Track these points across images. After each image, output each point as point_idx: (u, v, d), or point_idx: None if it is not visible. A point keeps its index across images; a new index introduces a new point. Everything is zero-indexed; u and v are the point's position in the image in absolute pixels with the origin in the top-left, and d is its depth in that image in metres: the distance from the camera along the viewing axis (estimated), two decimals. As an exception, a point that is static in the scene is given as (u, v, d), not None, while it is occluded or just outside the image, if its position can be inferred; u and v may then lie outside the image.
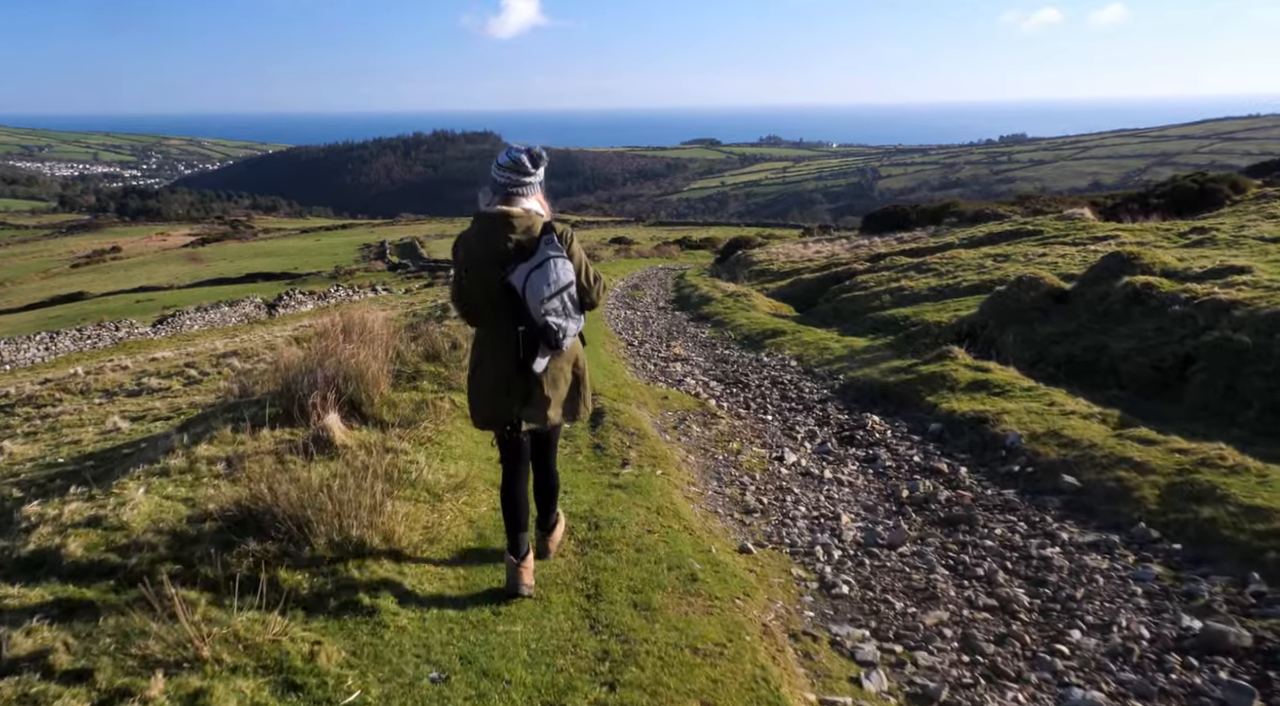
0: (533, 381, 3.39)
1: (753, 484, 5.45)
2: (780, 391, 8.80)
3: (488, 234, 3.35)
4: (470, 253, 3.37)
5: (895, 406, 7.47)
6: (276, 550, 3.44)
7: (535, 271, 3.26)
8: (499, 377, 3.41)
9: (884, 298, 14.51)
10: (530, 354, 3.31)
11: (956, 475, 5.49)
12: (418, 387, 6.76)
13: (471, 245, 3.38)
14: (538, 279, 3.25)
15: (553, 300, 3.26)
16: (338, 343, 6.09)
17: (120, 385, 19.41)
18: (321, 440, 5.00)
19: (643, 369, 10.47)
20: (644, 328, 15.06)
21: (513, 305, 3.29)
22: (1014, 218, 22.29)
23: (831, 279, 18.08)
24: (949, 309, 12.54)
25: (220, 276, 68.07)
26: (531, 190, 3.44)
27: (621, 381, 8.08)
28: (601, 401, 6.86)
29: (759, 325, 13.75)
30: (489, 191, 3.44)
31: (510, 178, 3.38)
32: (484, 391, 3.47)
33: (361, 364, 5.89)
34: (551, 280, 3.26)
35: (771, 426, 7.17)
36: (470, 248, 3.38)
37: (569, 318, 3.33)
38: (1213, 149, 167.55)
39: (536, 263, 3.28)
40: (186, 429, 6.16)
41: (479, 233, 3.38)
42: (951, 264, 15.69)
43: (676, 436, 6.49)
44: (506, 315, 3.33)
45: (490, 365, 3.42)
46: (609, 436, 5.94)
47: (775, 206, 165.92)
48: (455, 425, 5.81)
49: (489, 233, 3.35)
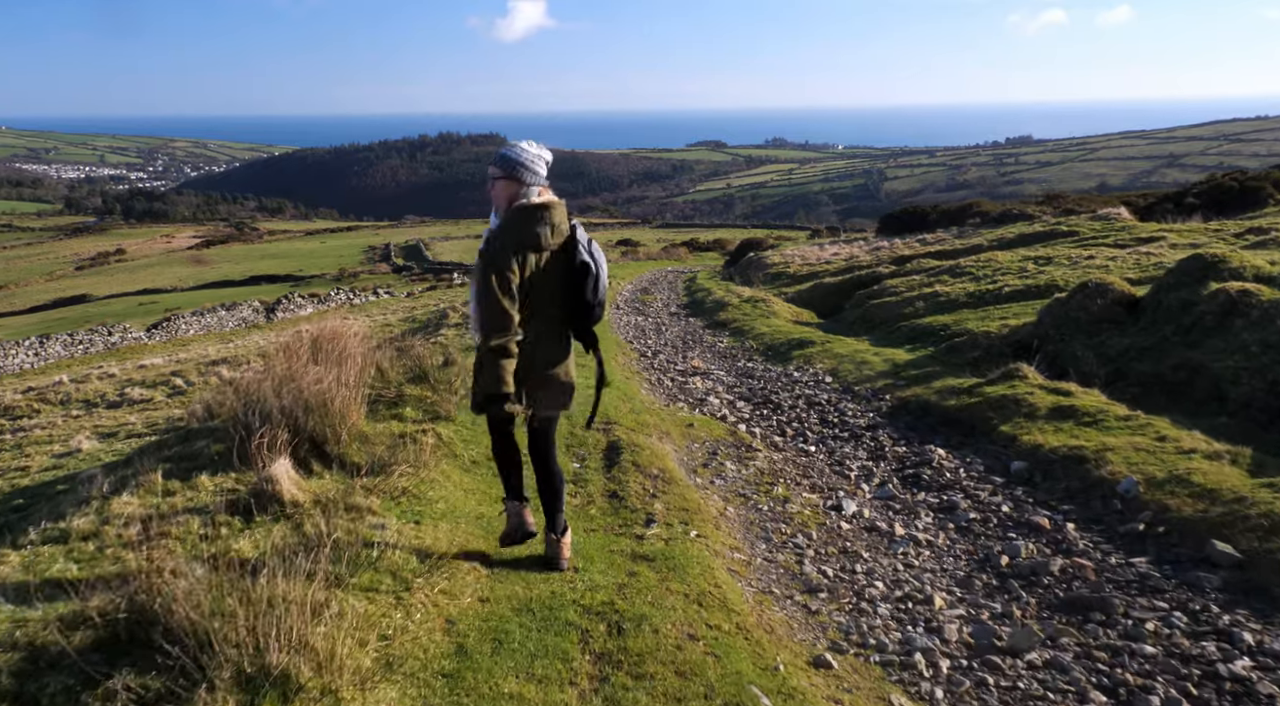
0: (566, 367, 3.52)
1: (810, 545, 4.36)
2: (818, 414, 7.71)
3: (556, 223, 3.39)
4: (541, 240, 3.35)
5: (961, 436, 6.37)
6: (160, 689, 2.37)
7: (594, 249, 3.46)
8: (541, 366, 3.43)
9: (917, 304, 13.40)
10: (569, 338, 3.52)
11: (1063, 534, 4.39)
12: (399, 416, 5.69)
13: (541, 233, 3.34)
14: (601, 257, 3.48)
15: (604, 278, 3.46)
16: (301, 364, 5.02)
17: (102, 395, 18.41)
18: (265, 495, 3.93)
19: (659, 385, 9.38)
20: (656, 336, 13.98)
21: (572, 287, 3.39)
22: (1044, 218, 21.14)
23: (856, 283, 16.97)
24: (993, 317, 11.44)
25: (224, 279, 67.47)
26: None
27: (638, 404, 7.00)
28: (617, 432, 5.77)
29: (782, 334, 12.66)
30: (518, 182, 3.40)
31: (543, 169, 3.44)
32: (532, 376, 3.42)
33: (327, 392, 4.81)
34: (599, 260, 3.46)
35: (817, 460, 6.08)
36: (540, 235, 3.34)
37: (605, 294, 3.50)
38: (1221, 150, 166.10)
39: (588, 246, 3.43)
40: (116, 469, 5.09)
41: (549, 221, 3.37)
42: (988, 267, 14.56)
43: (708, 478, 5.39)
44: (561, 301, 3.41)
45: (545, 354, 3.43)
46: (628, 481, 4.85)
47: (781, 208, 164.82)
48: (440, 469, 4.74)
49: (556, 221, 3.39)
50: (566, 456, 5.33)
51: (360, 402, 5.34)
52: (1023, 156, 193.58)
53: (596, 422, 5.98)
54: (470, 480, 4.74)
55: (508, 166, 3.40)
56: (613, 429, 5.88)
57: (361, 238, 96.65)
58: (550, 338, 3.44)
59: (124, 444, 10.81)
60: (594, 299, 3.41)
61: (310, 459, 4.65)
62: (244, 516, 3.83)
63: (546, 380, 3.44)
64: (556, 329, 3.45)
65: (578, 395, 3.73)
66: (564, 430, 5.81)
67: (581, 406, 6.48)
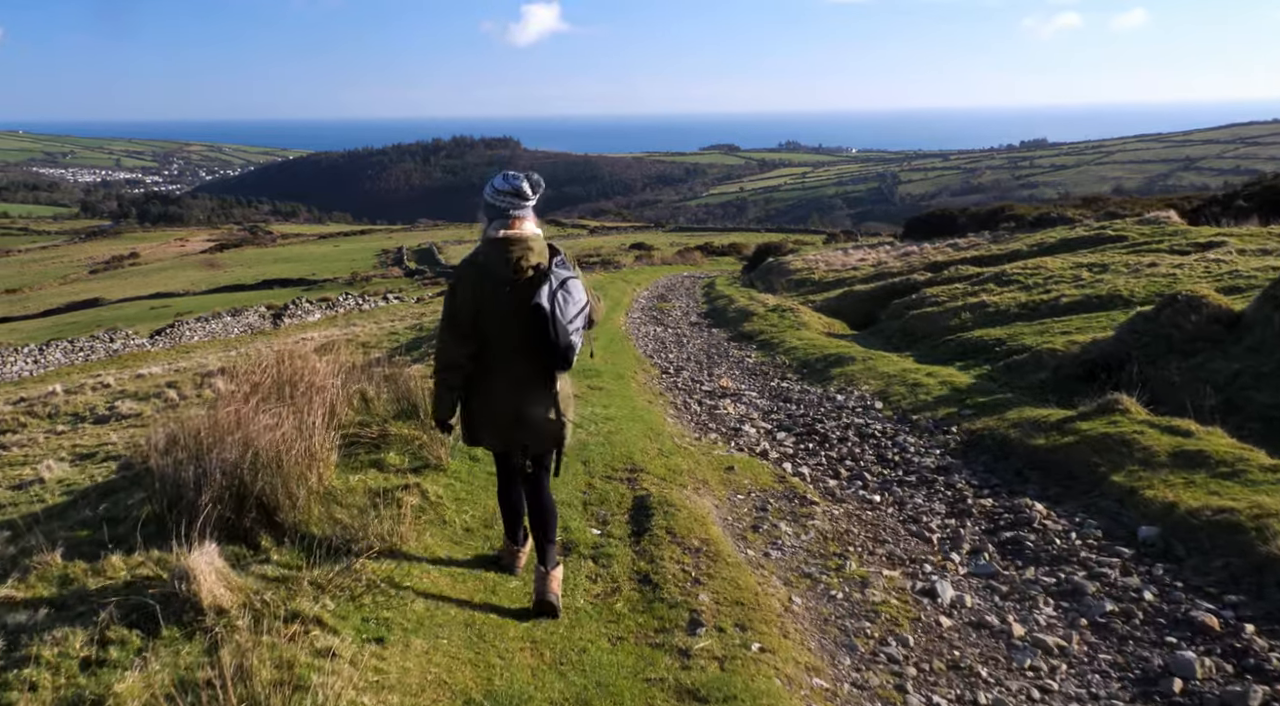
0: (546, 405, 3.37)
1: (908, 658, 3.29)
2: (874, 449, 6.63)
3: (507, 259, 3.29)
4: (484, 277, 3.31)
5: (1059, 485, 5.28)
6: None
7: (560, 292, 3.23)
8: (507, 405, 3.35)
9: (963, 315, 12.29)
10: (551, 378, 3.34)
11: (1245, 641, 3.31)
12: (380, 463, 4.66)
13: (485, 270, 3.33)
14: (564, 300, 3.23)
15: (577, 319, 3.27)
16: (251, 408, 3.99)
17: (92, 408, 17.52)
18: (178, 600, 2.91)
19: (685, 410, 8.33)
20: (678, 348, 12.93)
21: (534, 328, 3.21)
22: (1086, 222, 19.95)
23: (890, 291, 15.85)
24: (1052, 331, 10.32)
25: (237, 283, 67.18)
26: (529, 214, 3.41)
27: (667, 441, 5.94)
28: (645, 484, 4.72)
29: (816, 348, 11.58)
30: (486, 217, 3.41)
31: (511, 202, 3.36)
32: (487, 416, 3.42)
33: (282, 442, 3.79)
34: (575, 299, 3.27)
35: (886, 516, 5.01)
36: (484, 272, 3.32)
37: (579, 336, 3.29)
38: (1238, 154, 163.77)
39: (559, 283, 3.25)
40: (18, 538, 4.08)
41: (492, 258, 3.32)
42: (1038, 275, 13.43)
43: (761, 547, 4.32)
44: (518, 340, 3.30)
45: (502, 389, 3.36)
46: (663, 557, 3.80)
47: (795, 212, 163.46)
48: (423, 542, 3.71)
49: (509, 258, 3.29)
50: (585, 517, 4.28)
51: (330, 449, 4.32)
52: (1037, 160, 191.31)
53: (620, 470, 4.95)
54: (462, 556, 3.70)
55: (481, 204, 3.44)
56: (639, 478, 4.83)
57: (374, 241, 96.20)
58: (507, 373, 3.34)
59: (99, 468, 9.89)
60: (557, 340, 3.17)
61: (257, 531, 3.63)
62: (145, 630, 2.80)
63: (520, 418, 3.33)
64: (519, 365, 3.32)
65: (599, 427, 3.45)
66: (580, 481, 4.77)
67: (601, 446, 5.45)
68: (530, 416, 3.32)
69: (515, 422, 3.33)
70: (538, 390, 3.33)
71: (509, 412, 3.33)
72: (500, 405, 3.34)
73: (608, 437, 5.53)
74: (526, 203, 3.36)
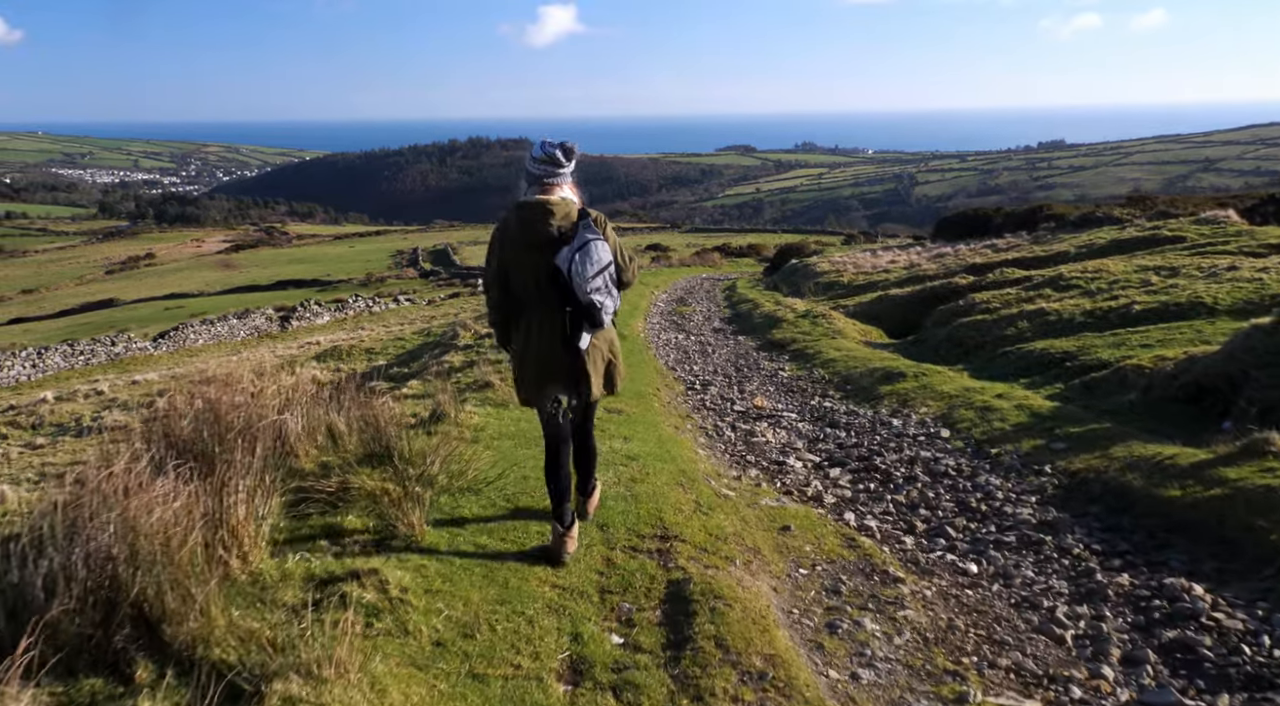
0: (577, 359, 3.52)
1: None
2: (951, 492, 5.47)
3: (530, 221, 3.48)
4: (513, 239, 3.52)
5: (1212, 555, 4.08)
6: None
7: (579, 253, 3.38)
8: (544, 358, 3.54)
9: (1020, 324, 11.07)
10: (576, 332, 3.48)
11: None
12: (334, 530, 3.54)
13: (513, 232, 3.52)
14: (582, 260, 3.37)
15: (596, 279, 3.40)
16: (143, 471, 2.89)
17: (78, 419, 16.59)
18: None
19: (718, 437, 7.19)
20: (703, 359, 11.78)
21: (558, 287, 3.41)
22: (1137, 222, 18.63)
23: (930, 296, 14.63)
24: (1130, 343, 9.11)
25: (251, 283, 66.87)
26: (564, 180, 3.58)
27: (702, 487, 4.79)
28: (680, 559, 3.58)
29: (858, 360, 10.39)
30: (525, 182, 3.58)
31: (546, 170, 3.53)
32: (529, 373, 3.61)
33: (177, 523, 2.69)
34: (594, 260, 3.39)
35: (992, 597, 3.84)
36: (512, 235, 3.52)
37: (609, 296, 3.49)
38: (1258, 155, 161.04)
39: (579, 245, 3.40)
40: None
41: (521, 221, 3.51)
42: (1100, 279, 12.18)
43: (844, 662, 3.15)
44: (550, 298, 3.47)
45: (536, 346, 3.54)
46: (713, 689, 2.65)
47: (811, 213, 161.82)
48: (374, 667, 2.58)
49: (531, 220, 3.48)
50: (602, 615, 3.15)
51: (265, 519, 3.22)
52: (1055, 161, 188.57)
53: (648, 535, 3.82)
54: (426, 695, 2.57)
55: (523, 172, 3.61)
56: (673, 550, 3.68)
57: (390, 242, 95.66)
58: (542, 328, 3.52)
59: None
60: (581, 296, 3.38)
61: (132, 654, 2.52)
62: None
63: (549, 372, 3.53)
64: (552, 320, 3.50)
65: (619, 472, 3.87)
66: (596, 555, 3.63)
67: (623, 500, 4.27)
68: (558, 371, 3.52)
69: (546, 377, 3.55)
70: (566, 346, 3.48)
71: (540, 368, 3.54)
72: (533, 360, 3.56)
73: (630, 488, 4.40)
74: (561, 170, 3.55)
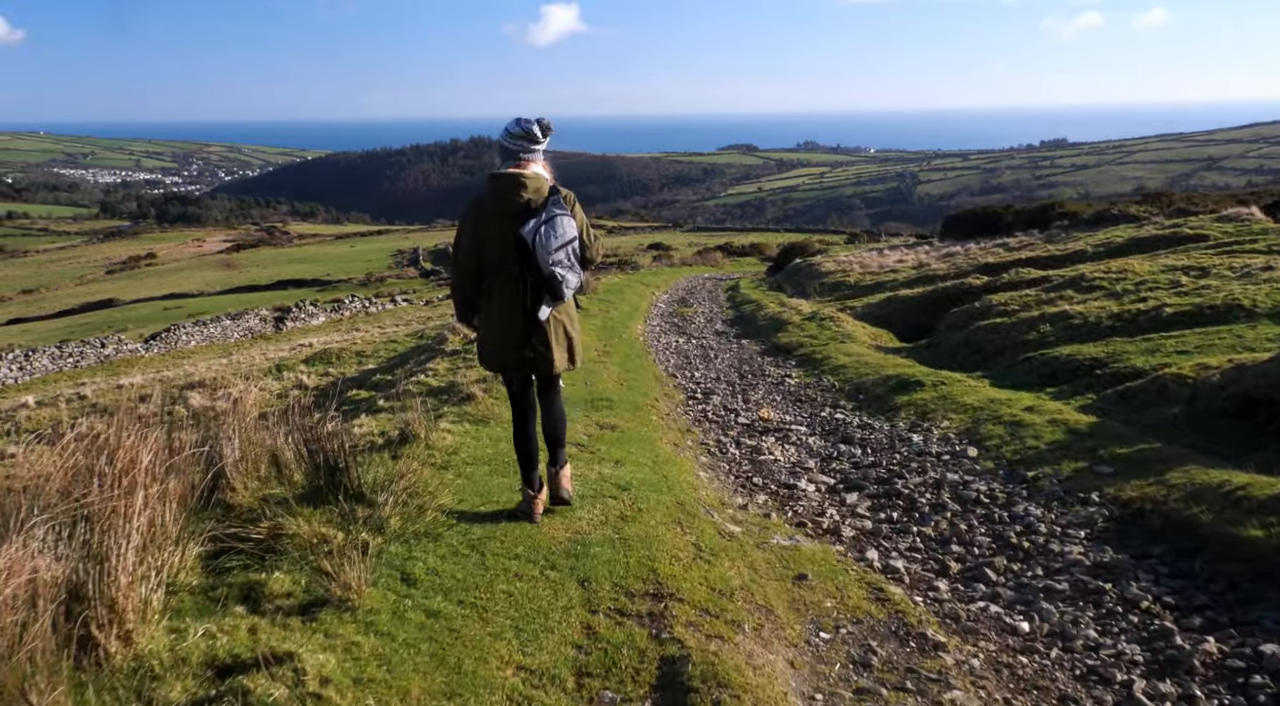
0: (537, 329, 3.65)
1: None
2: (987, 524, 4.82)
3: (502, 192, 3.62)
4: (484, 209, 3.66)
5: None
6: None
7: (545, 225, 3.52)
8: (506, 325, 3.67)
9: (1042, 328, 10.42)
10: (536, 303, 3.60)
11: None
12: (254, 592, 2.89)
13: (486, 203, 3.66)
14: (547, 233, 3.51)
15: (559, 253, 3.54)
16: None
17: (55, 425, 16.01)
18: None
19: (721, 454, 6.55)
20: (704, 364, 11.14)
21: (522, 258, 3.56)
22: (1156, 219, 17.96)
23: (943, 298, 13.99)
24: (1166, 351, 8.46)
25: (251, 283, 66.37)
26: (538, 157, 3.71)
27: (704, 525, 4.14)
28: (675, 624, 2.94)
29: (870, 367, 9.75)
30: (499, 157, 3.72)
31: (521, 145, 3.66)
32: (493, 338, 3.73)
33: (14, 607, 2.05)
34: (559, 234, 3.53)
35: (1051, 667, 3.20)
36: (484, 205, 3.66)
37: (571, 270, 3.61)
38: (1261, 153, 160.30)
39: (546, 218, 3.54)
40: None
41: (494, 191, 3.65)
42: (1125, 280, 11.52)
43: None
44: (514, 268, 3.61)
45: (498, 313, 3.67)
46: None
47: (813, 212, 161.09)
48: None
49: (503, 191, 3.62)
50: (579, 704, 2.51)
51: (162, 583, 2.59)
52: (1058, 159, 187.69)
53: (638, 593, 3.19)
54: None
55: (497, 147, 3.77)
56: (668, 613, 3.04)
57: (391, 241, 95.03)
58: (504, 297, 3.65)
59: None
60: (544, 268, 3.51)
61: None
62: None
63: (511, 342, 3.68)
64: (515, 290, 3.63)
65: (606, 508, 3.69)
66: (575, 621, 2.99)
67: (609, 546, 3.61)
68: (521, 341, 3.64)
69: (509, 346, 3.66)
70: (528, 317, 3.60)
71: (504, 337, 3.67)
72: (497, 330, 3.68)
73: (619, 529, 3.76)
74: (535, 146, 3.68)
